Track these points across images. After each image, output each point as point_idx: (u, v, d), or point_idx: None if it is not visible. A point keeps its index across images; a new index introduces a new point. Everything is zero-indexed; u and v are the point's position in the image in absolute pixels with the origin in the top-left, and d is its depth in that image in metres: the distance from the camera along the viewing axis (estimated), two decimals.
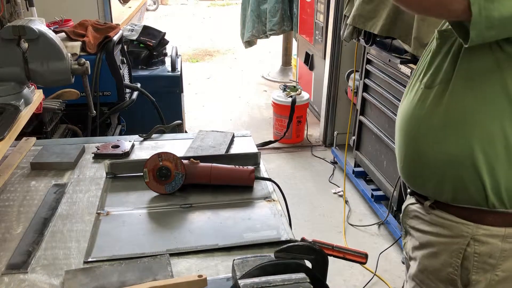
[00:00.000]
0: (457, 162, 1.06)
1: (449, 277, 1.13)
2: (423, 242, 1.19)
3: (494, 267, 1.08)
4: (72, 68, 1.55)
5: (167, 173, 1.32)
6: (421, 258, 1.19)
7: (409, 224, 1.26)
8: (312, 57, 4.51)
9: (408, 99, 1.17)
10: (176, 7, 12.96)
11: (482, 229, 1.07)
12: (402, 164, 1.21)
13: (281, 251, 0.93)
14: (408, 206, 1.26)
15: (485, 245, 1.07)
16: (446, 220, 1.13)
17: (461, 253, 1.10)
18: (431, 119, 1.09)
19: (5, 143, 1.34)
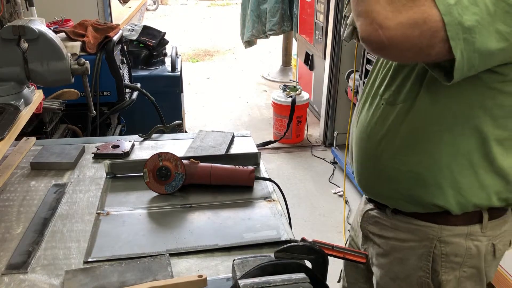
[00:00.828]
0: (421, 179, 1.05)
1: (421, 281, 1.13)
2: (388, 248, 1.18)
3: (461, 265, 1.09)
4: (72, 68, 1.55)
5: (167, 173, 1.32)
6: (389, 266, 1.18)
7: (370, 230, 1.24)
8: (312, 57, 4.51)
9: (367, 113, 1.14)
10: (176, 7, 12.96)
11: (446, 230, 1.08)
12: (360, 177, 1.20)
13: (281, 251, 0.93)
14: (368, 212, 1.24)
15: (450, 245, 1.08)
16: (410, 224, 1.12)
17: (430, 256, 1.10)
18: (393, 138, 1.07)
19: (5, 143, 1.34)
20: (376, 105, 1.11)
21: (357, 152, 1.18)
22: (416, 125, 1.03)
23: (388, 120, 1.07)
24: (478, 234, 1.08)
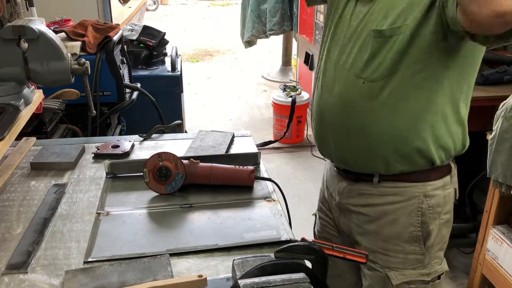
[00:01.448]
0: (408, 138, 1.19)
1: (412, 235, 1.26)
2: (377, 214, 1.28)
3: (440, 213, 1.26)
4: (72, 68, 1.55)
5: (167, 173, 1.32)
6: (380, 230, 1.28)
7: (352, 203, 1.32)
8: (312, 57, 4.51)
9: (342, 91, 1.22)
10: (176, 7, 12.96)
11: (429, 185, 1.24)
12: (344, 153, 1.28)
13: (281, 251, 0.93)
14: (347, 187, 1.32)
15: (434, 197, 1.24)
16: (397, 188, 1.25)
17: (419, 211, 1.24)
18: (380, 109, 1.17)
19: (5, 143, 1.34)
20: (352, 83, 1.19)
21: (338, 130, 1.25)
22: (400, 94, 1.16)
23: (372, 95, 1.17)
24: (448, 183, 1.27)
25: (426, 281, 1.30)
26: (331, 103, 1.25)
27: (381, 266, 1.30)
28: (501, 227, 2.01)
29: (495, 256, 2.00)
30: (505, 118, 1.75)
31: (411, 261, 1.28)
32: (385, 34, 1.13)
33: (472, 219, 2.58)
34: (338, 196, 1.36)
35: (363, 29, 1.18)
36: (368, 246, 1.31)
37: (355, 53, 1.19)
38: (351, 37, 1.21)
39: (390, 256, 1.29)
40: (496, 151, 1.79)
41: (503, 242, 1.96)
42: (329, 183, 1.43)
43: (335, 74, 1.24)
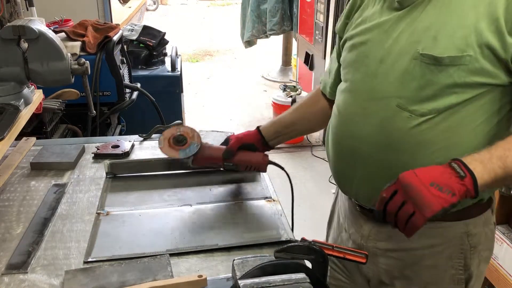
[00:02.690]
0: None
1: (454, 279, 1.13)
2: (412, 260, 1.14)
3: (480, 251, 1.13)
4: (72, 68, 1.55)
5: (182, 140, 1.30)
6: (414, 276, 1.14)
7: (379, 247, 1.17)
8: (312, 57, 4.51)
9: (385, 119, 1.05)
10: (176, 7, 12.96)
11: (470, 223, 1.10)
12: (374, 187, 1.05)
13: (281, 251, 0.93)
14: (374, 229, 1.16)
15: (476, 235, 1.11)
16: (435, 228, 1.09)
17: (461, 253, 1.11)
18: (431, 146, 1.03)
19: (5, 143, 1.34)
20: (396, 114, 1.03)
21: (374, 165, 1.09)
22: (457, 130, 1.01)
23: (422, 129, 1.01)
24: (490, 218, 1.14)
25: None
26: (365, 136, 1.08)
27: None
28: (501, 227, 2.01)
29: (495, 256, 2.00)
30: None
31: None
32: (443, 62, 0.96)
33: None
34: (362, 240, 1.19)
35: (404, 50, 1.01)
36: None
37: (396, 80, 1.02)
38: (385, 59, 1.04)
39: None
40: None
41: (503, 242, 1.96)
42: (348, 224, 1.25)
43: (369, 103, 1.07)
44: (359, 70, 1.11)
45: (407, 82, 1.00)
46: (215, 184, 1.42)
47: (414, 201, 0.88)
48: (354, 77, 1.12)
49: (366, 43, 1.09)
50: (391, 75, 1.03)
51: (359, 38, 1.12)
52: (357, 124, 1.10)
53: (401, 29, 1.02)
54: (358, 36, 1.12)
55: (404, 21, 1.03)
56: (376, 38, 1.07)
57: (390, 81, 1.03)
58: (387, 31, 1.05)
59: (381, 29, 1.06)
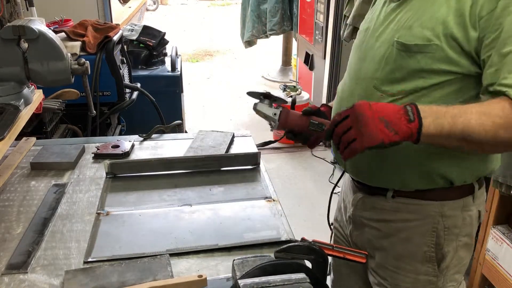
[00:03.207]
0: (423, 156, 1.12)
1: (425, 256, 1.20)
2: (390, 231, 1.22)
3: (458, 235, 1.19)
4: (72, 68, 1.55)
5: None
6: (392, 247, 1.23)
7: (365, 216, 1.27)
8: (312, 57, 4.51)
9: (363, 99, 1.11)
10: (176, 7, 12.96)
11: (446, 205, 1.16)
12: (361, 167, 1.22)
13: (281, 251, 0.93)
14: (362, 200, 1.27)
15: (451, 218, 1.17)
16: (411, 205, 1.18)
17: (434, 231, 1.17)
18: None
19: (5, 143, 1.34)
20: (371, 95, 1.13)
21: None
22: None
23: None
24: (470, 205, 1.18)
25: None
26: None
27: (390, 283, 1.25)
28: (501, 227, 2.01)
29: (495, 256, 2.00)
30: None
31: (422, 282, 1.22)
32: (411, 49, 1.05)
33: None
34: (352, 208, 1.30)
35: (386, 38, 1.11)
36: (380, 261, 1.26)
37: (376, 62, 1.13)
38: (373, 45, 1.15)
39: (400, 275, 1.23)
40: None
41: (503, 242, 1.96)
42: (345, 193, 1.38)
43: (354, 83, 1.19)
44: (355, 54, 1.23)
45: (383, 65, 1.11)
46: (215, 184, 1.42)
47: (359, 129, 0.94)
48: (352, 61, 1.24)
49: (366, 30, 1.21)
50: (374, 59, 1.14)
51: (364, 24, 1.24)
52: (345, 101, 1.21)
53: (390, 20, 1.13)
54: (364, 23, 1.25)
55: (395, 12, 1.13)
56: (374, 27, 1.18)
57: (372, 65, 1.14)
58: (382, 21, 1.16)
59: (378, 19, 1.17)
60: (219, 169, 1.51)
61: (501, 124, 0.93)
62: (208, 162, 1.50)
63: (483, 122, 0.93)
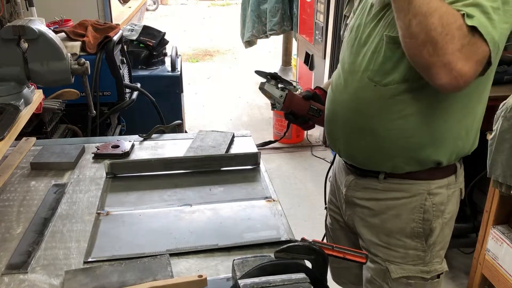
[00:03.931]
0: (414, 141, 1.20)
1: (414, 231, 1.28)
2: (380, 209, 1.31)
3: (443, 212, 1.28)
4: (72, 68, 1.55)
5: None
6: (383, 223, 1.31)
7: (357, 196, 1.35)
8: (312, 57, 4.51)
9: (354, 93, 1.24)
10: (176, 7, 12.96)
11: (433, 184, 1.25)
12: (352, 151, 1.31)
13: (281, 251, 0.93)
14: (354, 181, 1.35)
15: (438, 195, 1.26)
16: (401, 184, 1.27)
17: (422, 208, 1.26)
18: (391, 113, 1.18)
19: (5, 143, 1.34)
20: (365, 85, 1.21)
21: (349, 128, 1.28)
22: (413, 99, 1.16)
23: (384, 98, 1.18)
24: (453, 183, 1.28)
25: (426, 278, 1.32)
26: (343, 101, 1.27)
27: (382, 259, 1.33)
28: (501, 227, 2.01)
29: (495, 256, 2.00)
30: (505, 118, 1.75)
31: (412, 256, 1.30)
32: (397, 40, 1.10)
33: (472, 219, 2.58)
34: (345, 189, 1.39)
35: (377, 34, 1.19)
36: (371, 238, 1.34)
37: (368, 56, 1.20)
38: (366, 41, 1.22)
39: (391, 250, 1.31)
40: (496, 151, 1.79)
41: (503, 242, 1.96)
42: (338, 175, 1.46)
43: (349, 75, 1.26)
44: (348, 49, 1.29)
45: (375, 58, 1.18)
46: (215, 184, 1.42)
47: None
48: (345, 55, 1.31)
49: (358, 27, 1.26)
50: (367, 53, 1.21)
51: (355, 22, 1.30)
52: (339, 92, 1.29)
53: (380, 17, 1.19)
54: (355, 21, 1.30)
55: (384, 10, 1.18)
56: (363, 24, 1.24)
57: (365, 58, 1.21)
58: (372, 18, 1.22)
59: (369, 16, 1.23)
60: (219, 169, 1.51)
61: (438, 24, 0.94)
62: (208, 162, 1.50)
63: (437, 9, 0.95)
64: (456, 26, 0.93)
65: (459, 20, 0.94)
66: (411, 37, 0.98)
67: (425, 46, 0.95)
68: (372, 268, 1.36)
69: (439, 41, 0.93)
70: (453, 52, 0.94)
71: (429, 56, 0.96)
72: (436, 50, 0.94)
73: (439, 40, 0.93)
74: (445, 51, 0.94)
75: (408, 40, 0.99)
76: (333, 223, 1.56)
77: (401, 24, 1.01)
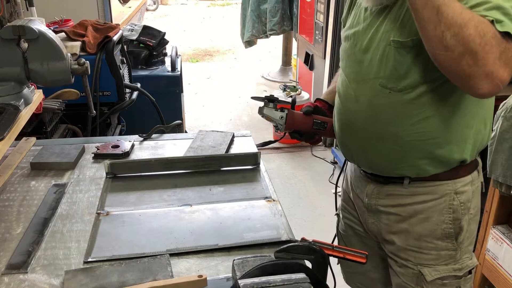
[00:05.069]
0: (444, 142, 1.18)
1: (444, 232, 1.26)
2: (407, 214, 1.28)
3: (469, 208, 1.27)
4: (72, 68, 1.55)
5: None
6: (412, 228, 1.28)
7: (381, 204, 1.32)
8: (312, 57, 4.51)
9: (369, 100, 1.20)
10: (176, 7, 12.96)
11: (459, 182, 1.24)
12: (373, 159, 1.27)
13: (281, 251, 0.93)
14: (376, 189, 1.32)
15: (464, 193, 1.25)
16: (427, 187, 1.25)
17: (450, 208, 1.24)
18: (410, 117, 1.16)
19: (5, 143, 1.34)
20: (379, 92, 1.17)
21: (367, 136, 1.24)
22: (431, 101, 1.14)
23: (401, 102, 1.15)
24: (476, 178, 1.28)
25: (458, 276, 1.31)
26: (357, 111, 1.24)
27: (413, 263, 1.30)
28: (501, 227, 2.00)
29: (495, 256, 2.00)
30: (505, 118, 1.75)
31: (444, 257, 1.29)
32: (407, 44, 1.09)
33: None
34: (367, 198, 1.35)
35: (381, 39, 1.15)
36: (400, 244, 1.31)
37: (376, 63, 1.17)
38: (368, 48, 1.19)
39: (423, 253, 1.29)
40: (496, 151, 1.79)
41: (503, 242, 1.96)
42: (355, 184, 1.41)
43: (358, 85, 1.23)
44: (350, 58, 1.26)
45: (385, 64, 1.15)
46: (215, 184, 1.42)
47: None
48: (346, 65, 1.28)
49: (355, 35, 1.24)
50: (373, 60, 1.18)
51: (350, 30, 1.27)
52: (351, 102, 1.25)
53: (380, 21, 1.16)
54: (350, 29, 1.27)
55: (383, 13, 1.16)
56: (361, 31, 1.22)
57: (372, 66, 1.18)
58: (370, 24, 1.19)
59: (365, 22, 1.21)
60: (219, 169, 1.51)
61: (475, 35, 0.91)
62: (208, 162, 1.50)
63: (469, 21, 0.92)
64: (491, 34, 0.91)
65: (492, 27, 0.92)
66: (447, 49, 0.94)
67: (463, 57, 0.93)
68: (402, 273, 1.33)
69: (479, 52, 0.91)
70: (494, 61, 0.92)
71: (469, 67, 0.93)
72: (477, 61, 0.92)
73: (479, 51, 0.91)
74: (486, 62, 0.91)
75: (443, 52, 0.95)
76: (347, 230, 1.52)
77: (430, 35, 0.96)
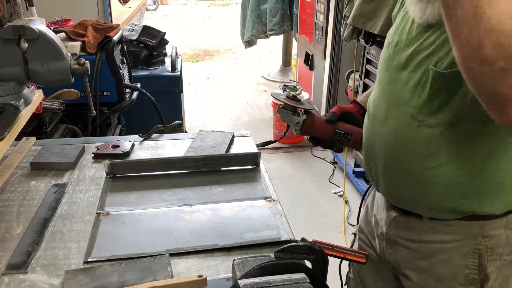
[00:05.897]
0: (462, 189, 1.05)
1: (468, 278, 1.12)
2: (428, 252, 1.15)
3: (501, 254, 1.10)
4: (72, 68, 1.55)
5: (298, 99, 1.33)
6: (432, 268, 1.16)
7: (400, 236, 1.19)
8: (312, 57, 4.51)
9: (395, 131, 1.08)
10: (176, 7, 12.97)
11: (488, 225, 1.08)
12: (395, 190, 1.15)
13: (281, 251, 0.93)
14: (396, 218, 1.19)
15: (494, 237, 1.09)
16: (450, 226, 1.10)
17: (476, 253, 1.10)
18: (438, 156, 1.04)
19: (5, 143, 1.34)
20: (407, 122, 1.05)
21: (388, 163, 1.13)
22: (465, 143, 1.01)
23: (430, 139, 1.03)
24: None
25: None
26: (382, 135, 1.12)
27: None
28: None
29: None
30: None
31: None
32: (449, 77, 0.94)
33: None
34: (386, 226, 1.22)
35: (421, 63, 1.01)
36: (419, 282, 1.18)
37: (411, 88, 1.03)
38: (406, 65, 1.04)
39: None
40: None
41: None
42: (376, 208, 1.29)
43: (390, 107, 1.09)
44: (387, 70, 1.12)
45: (419, 92, 1.01)
46: (215, 184, 1.42)
47: None
48: (382, 76, 1.14)
49: (397, 45, 1.09)
50: (409, 83, 1.04)
51: (394, 36, 1.12)
52: (379, 124, 1.13)
53: (424, 38, 1.01)
54: (394, 34, 1.12)
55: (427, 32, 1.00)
56: (404, 42, 1.06)
57: (407, 89, 1.04)
58: (414, 38, 1.03)
59: (410, 34, 1.05)
60: (219, 169, 1.51)
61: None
62: (208, 162, 1.50)
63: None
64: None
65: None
66: (483, 61, 0.72)
67: (504, 75, 0.71)
68: None
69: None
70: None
71: (509, 89, 0.72)
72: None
73: None
74: None
75: (477, 65, 0.73)
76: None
77: (462, 41, 0.75)
